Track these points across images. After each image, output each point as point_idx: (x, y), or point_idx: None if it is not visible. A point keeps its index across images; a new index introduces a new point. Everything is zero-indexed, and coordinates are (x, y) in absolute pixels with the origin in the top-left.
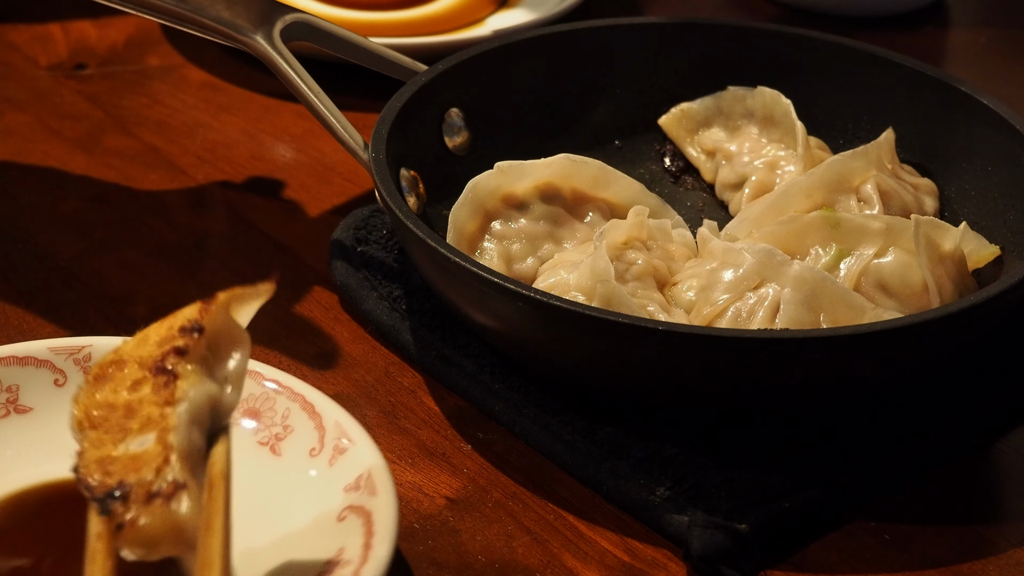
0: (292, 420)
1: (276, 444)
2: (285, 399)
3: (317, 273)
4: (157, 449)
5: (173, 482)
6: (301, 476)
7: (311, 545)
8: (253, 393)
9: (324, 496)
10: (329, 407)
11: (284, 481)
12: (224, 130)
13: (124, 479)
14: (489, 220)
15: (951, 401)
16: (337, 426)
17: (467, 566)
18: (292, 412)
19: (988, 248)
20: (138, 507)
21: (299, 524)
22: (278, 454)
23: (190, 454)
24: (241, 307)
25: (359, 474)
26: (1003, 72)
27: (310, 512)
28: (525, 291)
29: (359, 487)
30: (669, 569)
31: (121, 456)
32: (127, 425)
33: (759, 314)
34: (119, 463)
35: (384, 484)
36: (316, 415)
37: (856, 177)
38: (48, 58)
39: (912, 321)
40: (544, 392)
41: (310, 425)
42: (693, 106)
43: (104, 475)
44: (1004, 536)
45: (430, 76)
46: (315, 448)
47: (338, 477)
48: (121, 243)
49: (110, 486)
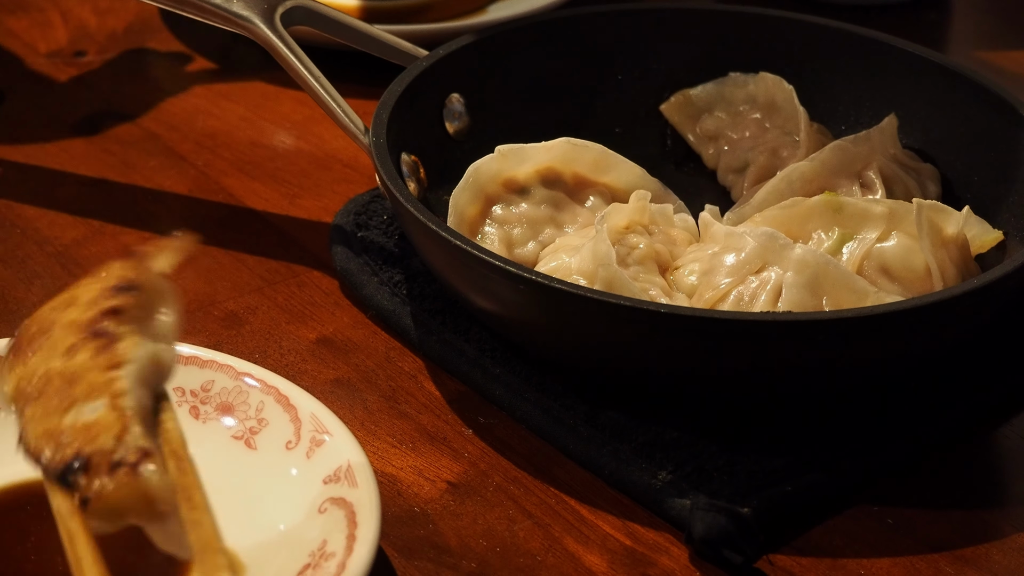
0: (266, 413)
1: (251, 438)
2: (259, 392)
3: (317, 259)
4: (112, 416)
5: (139, 448)
6: (278, 470)
7: (293, 539)
8: (226, 387)
9: (303, 489)
10: (304, 399)
11: (261, 475)
12: (224, 116)
13: (81, 450)
14: (490, 204)
15: (954, 385)
16: (313, 418)
17: (468, 550)
18: (266, 405)
19: (991, 233)
20: (102, 477)
21: (279, 518)
22: (253, 448)
23: (143, 417)
24: (161, 260)
25: (338, 466)
26: (1005, 58)
27: (289, 506)
28: (527, 274)
29: (339, 479)
30: (671, 553)
31: (71, 426)
32: (71, 393)
33: (761, 298)
34: (71, 433)
35: (364, 475)
36: (291, 407)
37: (859, 162)
38: (47, 45)
39: (915, 304)
40: (545, 376)
41: (285, 418)
42: (695, 92)
43: (56, 448)
44: (1007, 520)
45: (431, 61)
46: (291, 441)
47: (316, 469)
48: (120, 229)
49: (67, 458)
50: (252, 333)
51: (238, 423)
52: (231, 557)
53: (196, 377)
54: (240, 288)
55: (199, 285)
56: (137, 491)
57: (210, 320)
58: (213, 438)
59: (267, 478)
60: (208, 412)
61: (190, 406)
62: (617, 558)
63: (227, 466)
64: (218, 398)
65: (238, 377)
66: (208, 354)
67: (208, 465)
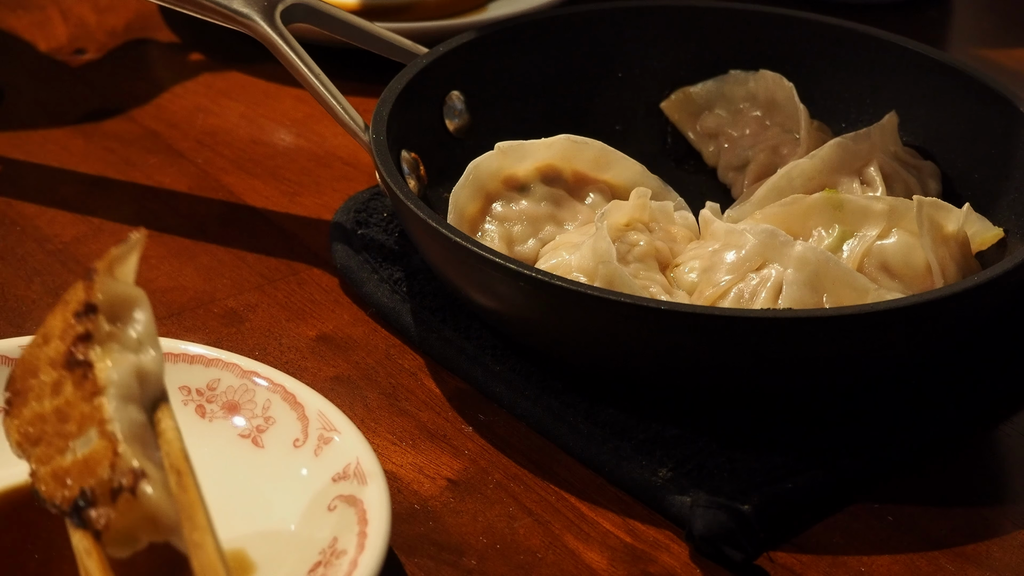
0: (273, 411)
1: (258, 436)
2: (265, 390)
3: (317, 256)
4: (103, 444)
5: (130, 472)
6: (286, 468)
7: (303, 537)
8: (232, 385)
9: (312, 487)
10: (311, 397)
11: (269, 474)
12: (224, 114)
13: (83, 485)
14: (490, 202)
15: (955, 382)
16: (320, 416)
17: (468, 547)
18: (273, 403)
19: (991, 230)
20: (106, 508)
21: (288, 517)
22: (261, 446)
23: (136, 435)
24: (123, 266)
25: (347, 463)
26: (1006, 56)
27: (299, 504)
28: (527, 271)
29: (348, 476)
30: (671, 550)
31: (72, 463)
32: (65, 430)
33: (762, 295)
34: (73, 471)
35: (373, 472)
36: (298, 405)
37: (859, 160)
38: (48, 42)
39: (916, 302)
40: (545, 374)
41: (292, 416)
42: (695, 90)
43: (64, 488)
44: (1008, 517)
45: (431, 59)
46: (299, 439)
47: (325, 467)
48: (120, 226)
49: (75, 495)
50: (252, 330)
51: (245, 422)
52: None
53: (202, 376)
54: (240, 286)
55: (199, 283)
56: (139, 513)
57: (210, 317)
58: (220, 437)
59: (275, 477)
60: (214, 411)
61: (196, 405)
62: (617, 555)
63: (235, 465)
64: (224, 396)
65: (244, 375)
66: (213, 352)
67: (215, 464)
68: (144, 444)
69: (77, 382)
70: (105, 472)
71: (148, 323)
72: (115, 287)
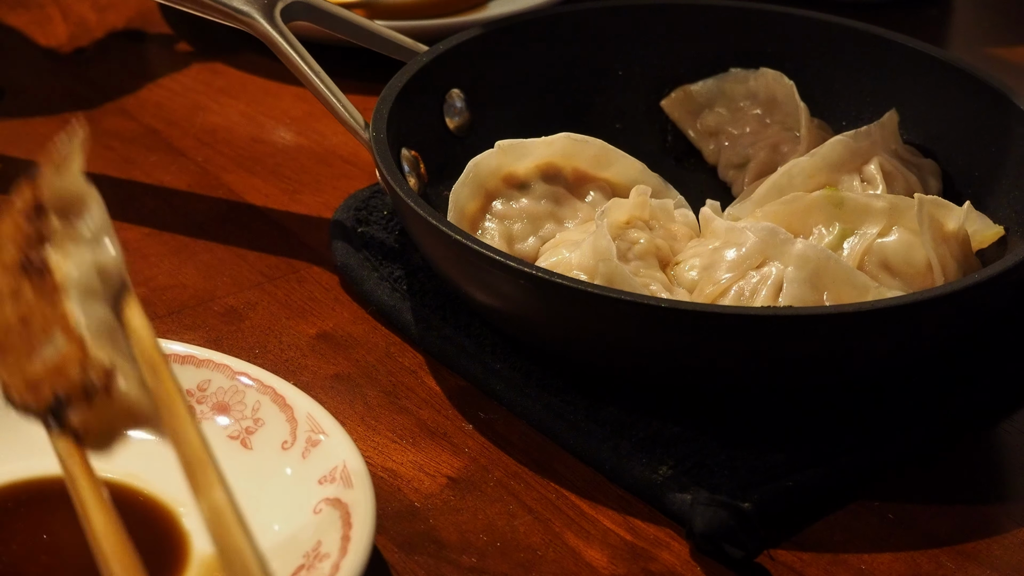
0: (262, 413)
1: (247, 438)
2: (255, 392)
3: (317, 254)
4: (71, 346)
5: (101, 370)
6: (274, 470)
7: (287, 539)
8: (222, 386)
9: (298, 489)
10: (300, 399)
11: (256, 475)
12: (224, 112)
13: (56, 390)
14: (490, 200)
15: (955, 380)
16: (309, 418)
17: (468, 545)
18: (262, 405)
19: (992, 228)
20: (82, 410)
21: (273, 518)
22: (249, 448)
23: (104, 331)
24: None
25: (333, 466)
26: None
27: (284, 506)
28: (528, 269)
29: (334, 479)
30: (672, 548)
31: (42, 368)
32: (30, 336)
33: (762, 293)
34: (44, 376)
35: (360, 476)
36: (287, 407)
37: (859, 157)
38: (47, 40)
39: (916, 299)
40: (546, 371)
41: (281, 418)
42: (695, 88)
43: (36, 395)
44: (1009, 515)
45: (431, 56)
46: (287, 441)
47: (312, 470)
48: (120, 225)
49: (48, 400)
50: (252, 328)
51: (234, 423)
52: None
53: (192, 376)
54: (240, 283)
55: (199, 280)
56: (116, 410)
57: (210, 315)
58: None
59: (262, 478)
60: (204, 412)
61: None
62: (618, 553)
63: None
64: (214, 397)
65: (234, 376)
66: (204, 353)
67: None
68: (113, 339)
69: (36, 285)
70: (76, 374)
71: (100, 216)
72: (62, 183)
